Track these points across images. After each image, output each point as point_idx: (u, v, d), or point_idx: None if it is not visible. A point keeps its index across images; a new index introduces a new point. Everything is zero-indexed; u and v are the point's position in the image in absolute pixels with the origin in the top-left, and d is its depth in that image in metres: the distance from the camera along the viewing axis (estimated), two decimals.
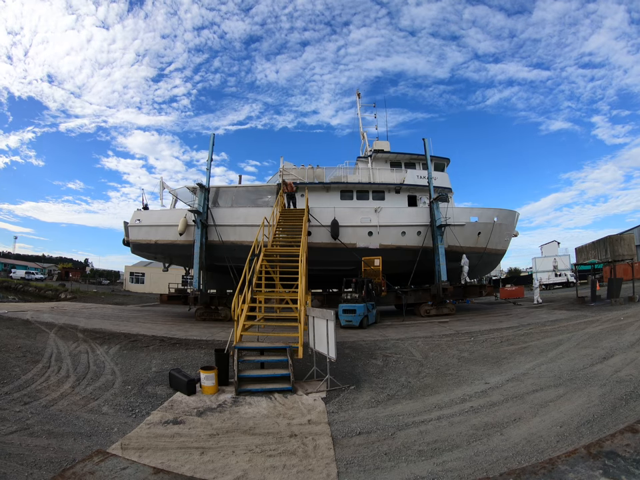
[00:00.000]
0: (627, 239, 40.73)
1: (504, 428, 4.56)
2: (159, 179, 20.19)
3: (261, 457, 4.10)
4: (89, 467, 3.81)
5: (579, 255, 49.33)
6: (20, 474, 3.70)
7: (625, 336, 9.04)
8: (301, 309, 7.87)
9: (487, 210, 19.78)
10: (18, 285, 43.56)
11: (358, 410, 5.52)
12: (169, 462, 4.00)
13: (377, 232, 18.25)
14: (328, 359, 6.76)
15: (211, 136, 18.99)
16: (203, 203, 17.79)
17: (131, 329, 12.43)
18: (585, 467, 3.39)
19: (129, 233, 19.55)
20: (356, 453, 4.16)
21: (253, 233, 15.22)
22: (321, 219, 17.74)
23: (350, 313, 13.99)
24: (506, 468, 3.62)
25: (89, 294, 35.25)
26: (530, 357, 8.01)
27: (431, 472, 3.67)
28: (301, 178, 20.01)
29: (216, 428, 4.93)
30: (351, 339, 10.91)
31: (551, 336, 9.91)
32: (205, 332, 12.45)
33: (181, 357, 8.79)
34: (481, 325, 12.81)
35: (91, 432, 4.76)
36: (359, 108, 24.96)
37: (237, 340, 7.28)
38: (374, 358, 8.58)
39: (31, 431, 4.71)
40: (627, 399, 5.12)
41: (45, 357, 8.25)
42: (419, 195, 20.06)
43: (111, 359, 8.42)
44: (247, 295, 8.36)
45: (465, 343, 9.79)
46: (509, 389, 6.01)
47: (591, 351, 7.94)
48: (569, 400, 5.32)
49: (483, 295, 20.14)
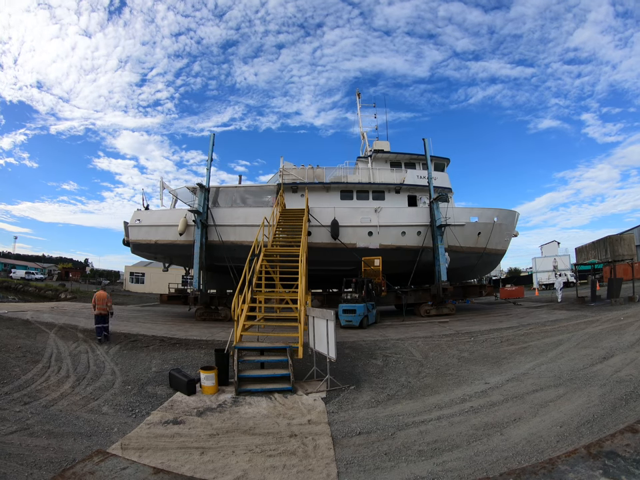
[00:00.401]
0: (627, 239, 40.83)
1: (504, 428, 4.56)
2: (159, 179, 20.21)
3: (261, 457, 4.10)
4: (89, 467, 3.81)
5: (579, 255, 49.37)
6: (20, 474, 3.70)
7: (625, 336, 9.04)
8: (301, 309, 7.87)
9: (487, 210, 19.77)
10: (18, 285, 43.54)
11: (358, 410, 5.52)
12: (169, 462, 4.00)
13: (376, 232, 18.25)
14: (328, 359, 6.76)
15: (210, 136, 19.00)
16: (203, 203, 17.79)
17: (131, 328, 12.44)
18: (585, 467, 3.39)
19: (129, 233, 19.55)
20: (356, 453, 4.16)
21: (252, 233, 15.22)
22: (321, 219, 17.74)
23: (350, 312, 13.99)
24: (506, 468, 3.62)
25: (89, 294, 35.24)
26: (530, 357, 8.01)
27: (431, 472, 3.67)
28: (301, 178, 20.00)
29: (216, 428, 4.93)
30: (351, 338, 10.91)
31: (551, 336, 9.91)
32: (205, 332, 12.45)
33: (181, 357, 8.79)
34: (481, 325, 12.81)
35: (91, 432, 4.76)
36: (358, 108, 24.92)
37: (236, 340, 7.27)
38: (374, 358, 8.58)
39: (31, 431, 4.71)
40: (626, 399, 5.12)
41: (45, 357, 8.25)
42: (419, 195, 20.04)
43: (111, 359, 8.42)
44: (246, 295, 8.35)
45: (464, 343, 9.79)
46: (509, 389, 6.01)
47: (591, 351, 7.94)
48: (569, 400, 5.32)
49: (483, 295, 20.14)
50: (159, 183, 19.86)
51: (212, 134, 19.05)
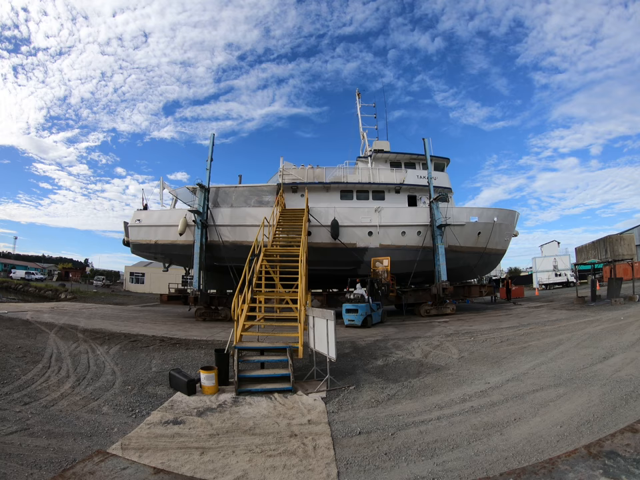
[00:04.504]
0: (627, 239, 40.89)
1: (504, 428, 4.56)
2: (159, 179, 20.21)
3: (261, 457, 4.10)
4: (89, 467, 3.81)
5: (579, 255, 49.44)
6: (20, 474, 3.70)
7: (625, 336, 9.05)
8: (301, 309, 7.87)
9: (487, 210, 19.79)
10: (18, 285, 43.54)
11: (358, 410, 5.52)
12: (169, 462, 4.00)
13: (377, 232, 18.26)
14: (328, 359, 6.76)
15: (210, 136, 19.02)
16: (203, 203, 17.81)
17: (131, 329, 12.44)
18: (585, 467, 3.39)
19: (128, 233, 19.56)
20: (356, 452, 4.16)
21: (252, 232, 15.24)
22: (321, 219, 17.75)
23: (353, 312, 13.99)
24: (506, 468, 3.62)
25: (88, 294, 35.26)
26: (530, 356, 8.01)
27: (431, 472, 3.67)
28: (301, 178, 20.01)
29: (216, 428, 4.93)
30: (351, 339, 10.91)
31: (551, 336, 9.91)
32: (205, 332, 12.46)
33: (181, 357, 8.80)
34: (481, 325, 12.81)
35: (91, 432, 4.76)
36: (358, 108, 24.96)
37: (237, 340, 7.28)
38: (374, 358, 8.58)
39: (31, 431, 4.71)
40: (627, 399, 5.12)
41: (45, 357, 8.25)
42: (419, 194, 20.06)
43: (111, 359, 8.42)
44: (246, 295, 8.36)
45: (464, 343, 9.79)
46: (509, 389, 6.01)
47: (591, 351, 7.94)
48: (569, 400, 5.32)
49: (482, 295, 20.17)
50: (159, 182, 19.89)
51: (212, 134, 19.08)
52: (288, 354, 6.87)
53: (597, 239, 45.96)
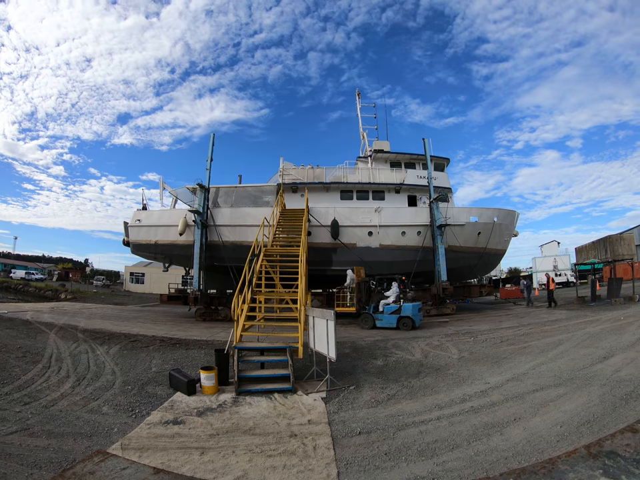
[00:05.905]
0: (627, 239, 40.91)
1: (504, 428, 4.56)
2: (159, 179, 20.20)
3: (261, 457, 4.10)
4: (89, 467, 3.81)
5: (579, 255, 49.45)
6: (20, 474, 3.70)
7: (625, 336, 9.05)
8: (301, 309, 7.87)
9: (487, 210, 19.78)
10: (18, 285, 43.56)
11: (358, 410, 5.52)
12: (169, 462, 4.00)
13: (377, 232, 18.26)
14: (328, 359, 6.76)
15: (210, 136, 19.01)
16: (203, 203, 17.80)
17: (131, 329, 12.44)
18: (585, 467, 3.39)
19: (128, 233, 19.56)
20: (356, 452, 4.16)
21: (252, 232, 15.23)
22: (321, 219, 17.74)
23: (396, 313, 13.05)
24: (506, 468, 3.62)
25: (88, 294, 35.26)
26: (530, 356, 8.01)
27: (431, 472, 3.67)
28: (301, 178, 20.02)
29: (216, 428, 4.93)
30: (351, 339, 10.91)
31: (551, 336, 9.91)
32: (205, 332, 12.46)
33: (181, 357, 8.79)
34: (481, 325, 12.81)
35: (91, 432, 4.76)
36: (358, 108, 24.96)
37: (237, 340, 7.27)
38: (374, 358, 8.58)
39: (31, 431, 4.71)
40: (627, 399, 5.12)
41: (45, 357, 8.25)
42: (419, 194, 20.06)
43: (111, 359, 8.42)
44: (246, 295, 8.36)
45: (465, 343, 9.79)
46: (509, 389, 6.01)
47: (591, 351, 7.94)
48: (569, 400, 5.32)
49: (482, 295, 20.18)
50: (159, 182, 19.89)
51: (212, 134, 19.08)
52: (288, 354, 6.87)
53: (597, 238, 46.03)
